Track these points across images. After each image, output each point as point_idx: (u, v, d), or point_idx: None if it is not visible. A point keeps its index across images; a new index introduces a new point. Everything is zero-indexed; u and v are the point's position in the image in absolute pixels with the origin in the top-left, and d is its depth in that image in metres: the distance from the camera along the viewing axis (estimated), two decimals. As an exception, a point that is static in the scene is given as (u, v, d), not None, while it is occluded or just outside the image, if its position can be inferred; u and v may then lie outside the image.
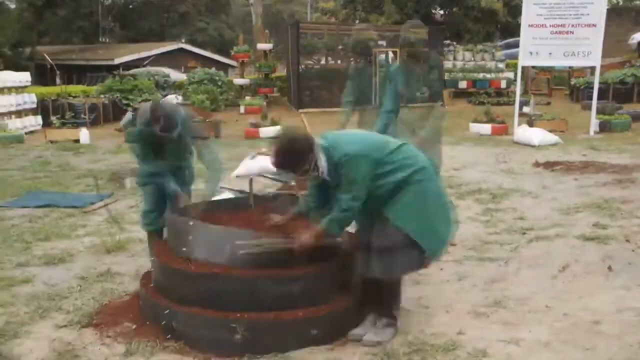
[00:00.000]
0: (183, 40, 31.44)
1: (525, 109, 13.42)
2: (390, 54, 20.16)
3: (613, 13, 21.46)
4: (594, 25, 11.34)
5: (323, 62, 19.56)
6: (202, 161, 4.36)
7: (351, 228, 3.64)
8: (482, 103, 16.89)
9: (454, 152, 10.09)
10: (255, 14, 27.08)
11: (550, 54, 11.78)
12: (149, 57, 26.51)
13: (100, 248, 5.15)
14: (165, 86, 18.53)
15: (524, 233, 5.45)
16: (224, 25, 36.82)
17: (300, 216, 3.63)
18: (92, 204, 6.75)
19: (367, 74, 6.31)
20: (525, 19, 11.95)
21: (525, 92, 16.79)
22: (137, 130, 4.15)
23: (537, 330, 3.54)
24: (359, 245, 3.43)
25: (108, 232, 5.50)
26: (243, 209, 4.18)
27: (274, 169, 3.45)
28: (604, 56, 12.10)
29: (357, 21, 24.20)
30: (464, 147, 10.72)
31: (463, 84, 19.59)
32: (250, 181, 4.61)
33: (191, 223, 3.59)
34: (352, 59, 19.73)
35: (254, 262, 3.35)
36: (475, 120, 12.58)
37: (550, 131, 11.12)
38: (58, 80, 17.97)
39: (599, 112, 12.17)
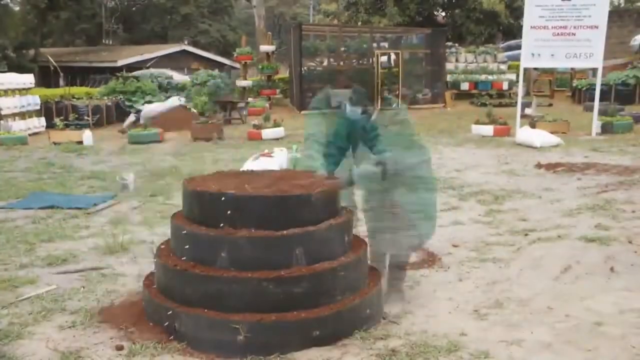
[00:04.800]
0: (186, 42, 31.47)
1: (527, 111, 13.43)
2: (392, 56, 20.22)
3: (615, 15, 21.44)
4: (596, 27, 11.36)
5: (325, 63, 19.60)
6: None
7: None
8: (484, 104, 16.90)
9: (456, 154, 10.10)
10: (258, 16, 27.12)
11: (552, 55, 11.79)
12: (152, 59, 26.50)
13: (104, 249, 5.17)
14: (168, 88, 18.55)
15: (526, 234, 5.45)
16: (226, 27, 36.87)
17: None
18: (95, 205, 6.78)
19: None
20: (527, 21, 11.96)
21: (527, 93, 16.82)
22: None
23: (539, 331, 3.55)
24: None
25: (111, 234, 5.52)
26: None
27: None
28: (605, 58, 12.11)
29: (359, 23, 24.24)
30: (466, 148, 10.73)
31: (465, 86, 19.63)
32: None
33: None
34: (354, 61, 19.82)
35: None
36: (478, 122, 12.59)
37: (552, 133, 11.12)
38: (61, 82, 18.02)
39: (600, 113, 12.17)
